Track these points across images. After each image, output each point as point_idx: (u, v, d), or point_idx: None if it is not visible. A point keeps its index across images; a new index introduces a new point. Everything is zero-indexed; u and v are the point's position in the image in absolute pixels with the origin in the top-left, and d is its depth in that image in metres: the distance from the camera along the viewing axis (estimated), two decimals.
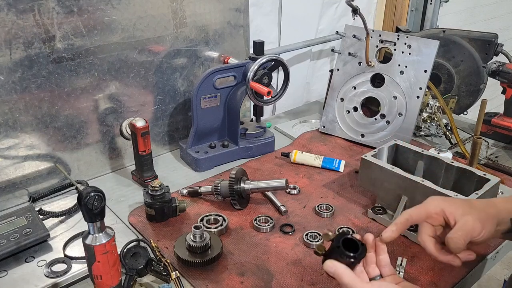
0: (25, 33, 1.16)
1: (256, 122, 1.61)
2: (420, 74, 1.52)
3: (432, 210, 0.80)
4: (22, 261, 1.03)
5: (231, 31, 1.60)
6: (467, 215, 0.78)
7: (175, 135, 1.59)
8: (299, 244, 1.13)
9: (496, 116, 1.66)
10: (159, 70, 1.45)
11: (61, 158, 1.33)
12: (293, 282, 1.01)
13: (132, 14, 1.33)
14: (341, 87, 1.65)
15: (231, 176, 1.22)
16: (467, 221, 0.77)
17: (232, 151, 1.51)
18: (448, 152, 1.38)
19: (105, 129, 1.40)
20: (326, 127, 1.68)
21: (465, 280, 1.04)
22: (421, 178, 1.14)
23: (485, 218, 0.79)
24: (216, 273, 1.03)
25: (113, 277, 0.88)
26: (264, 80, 1.43)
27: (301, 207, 1.27)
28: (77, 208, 1.21)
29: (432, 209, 0.80)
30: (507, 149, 1.60)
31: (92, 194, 0.80)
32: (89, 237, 0.84)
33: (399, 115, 1.55)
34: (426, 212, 0.80)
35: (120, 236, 1.10)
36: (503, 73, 1.58)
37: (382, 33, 1.60)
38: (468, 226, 0.77)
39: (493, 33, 1.80)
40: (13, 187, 1.26)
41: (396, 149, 1.31)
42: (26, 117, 1.23)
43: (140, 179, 1.36)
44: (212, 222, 1.19)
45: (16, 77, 1.18)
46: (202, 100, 1.44)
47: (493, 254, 1.11)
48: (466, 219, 0.78)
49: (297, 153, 1.49)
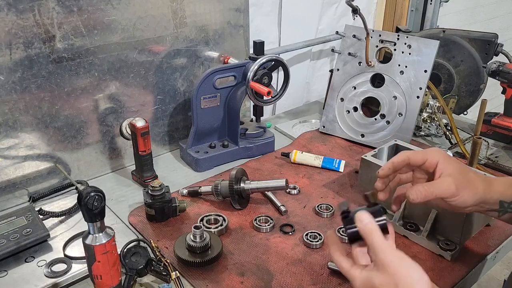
0: (25, 33, 1.16)
1: (256, 122, 1.61)
2: (420, 74, 1.52)
3: (429, 158, 0.83)
4: (22, 261, 1.03)
5: (231, 31, 1.60)
6: (449, 176, 0.81)
7: (175, 135, 1.59)
8: (299, 244, 1.13)
9: (496, 116, 1.66)
10: (159, 70, 1.46)
11: (61, 158, 1.33)
12: (293, 282, 1.01)
13: (132, 14, 1.33)
14: (341, 87, 1.65)
15: (231, 176, 1.22)
16: (444, 180, 0.81)
17: (232, 151, 1.51)
18: (448, 152, 1.38)
19: (105, 129, 1.40)
20: (326, 127, 1.68)
21: (465, 280, 1.04)
22: None
23: (465, 187, 0.82)
24: (216, 273, 1.03)
25: (113, 277, 0.88)
26: (264, 80, 1.43)
27: (301, 207, 1.27)
28: (77, 208, 1.21)
29: (429, 158, 0.83)
30: (507, 149, 1.60)
31: (92, 194, 0.80)
32: (89, 237, 0.84)
33: (399, 115, 1.55)
34: (423, 159, 0.83)
35: (120, 236, 1.10)
36: (503, 73, 1.58)
37: (382, 33, 1.60)
38: (442, 185, 0.81)
39: (493, 33, 1.80)
40: (13, 187, 1.26)
41: (396, 149, 1.31)
42: (26, 117, 1.23)
43: (140, 179, 1.36)
44: (212, 222, 1.19)
45: (16, 77, 1.18)
46: (202, 100, 1.44)
47: (493, 254, 1.11)
48: (446, 179, 0.81)
49: (297, 153, 1.49)
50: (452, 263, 1.06)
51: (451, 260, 1.06)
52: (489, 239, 1.15)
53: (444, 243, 1.08)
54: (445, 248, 1.07)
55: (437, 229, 1.10)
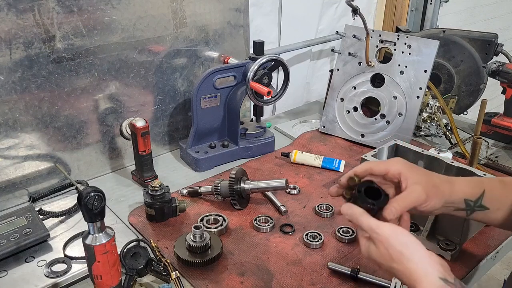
0: (25, 33, 1.16)
1: (256, 122, 1.61)
2: (420, 74, 1.52)
3: (391, 169, 0.83)
4: (22, 261, 1.03)
5: (231, 31, 1.60)
6: (417, 184, 0.81)
7: (175, 135, 1.59)
8: (299, 244, 1.13)
9: (496, 116, 1.66)
10: (159, 70, 1.46)
11: (61, 158, 1.33)
12: (293, 282, 1.01)
13: (132, 14, 1.33)
14: (341, 87, 1.65)
15: (231, 176, 1.22)
16: (414, 190, 0.81)
17: (232, 151, 1.51)
18: (448, 152, 1.38)
19: (105, 129, 1.40)
20: (326, 127, 1.68)
21: (465, 280, 1.04)
22: None
23: (433, 193, 0.82)
24: (216, 273, 1.03)
25: (113, 277, 0.88)
26: (264, 80, 1.43)
27: (301, 207, 1.27)
28: (77, 208, 1.21)
29: (391, 168, 0.83)
30: (507, 149, 1.60)
31: (92, 194, 0.80)
32: (89, 237, 0.84)
33: (399, 115, 1.55)
34: (385, 169, 0.84)
35: (120, 236, 1.10)
36: (503, 73, 1.58)
37: (382, 33, 1.60)
38: (413, 195, 0.80)
39: (493, 33, 1.80)
40: (13, 187, 1.26)
41: (396, 149, 1.31)
42: (26, 117, 1.23)
43: (140, 179, 1.36)
44: (212, 222, 1.19)
45: (16, 77, 1.18)
46: (202, 100, 1.44)
47: (493, 254, 1.11)
48: (414, 188, 0.81)
49: (297, 153, 1.49)
50: (452, 263, 1.06)
51: (451, 260, 1.06)
52: (489, 239, 1.15)
53: (444, 243, 1.08)
54: (445, 248, 1.07)
55: (437, 229, 1.10)
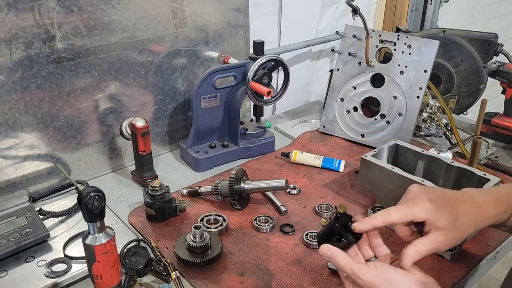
0: (25, 33, 1.16)
1: (256, 122, 1.61)
2: (420, 74, 1.52)
3: (418, 216, 0.75)
4: (22, 261, 1.03)
5: (231, 31, 1.60)
6: (441, 231, 0.75)
7: (175, 135, 1.59)
8: (299, 244, 1.13)
9: (496, 116, 1.66)
10: (159, 70, 1.46)
11: (61, 158, 1.33)
12: (293, 282, 1.01)
13: (132, 14, 1.33)
14: (341, 87, 1.65)
15: (231, 176, 1.22)
16: (436, 240, 0.74)
17: (232, 151, 1.51)
18: (448, 152, 1.38)
19: (105, 129, 1.40)
20: (326, 127, 1.68)
21: (465, 280, 1.04)
22: (421, 178, 1.14)
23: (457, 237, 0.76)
24: (216, 273, 1.03)
25: (113, 277, 0.88)
26: (264, 80, 1.43)
27: (301, 207, 1.27)
28: (77, 208, 1.21)
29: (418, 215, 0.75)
30: (507, 149, 1.60)
31: (92, 194, 0.80)
32: (89, 237, 0.84)
33: (399, 115, 1.55)
34: (412, 217, 0.76)
35: (120, 236, 1.10)
36: (503, 73, 1.58)
37: (382, 33, 1.60)
38: (434, 245, 0.75)
39: (493, 33, 1.80)
40: (13, 187, 1.26)
41: (396, 149, 1.31)
42: (26, 117, 1.23)
43: (140, 179, 1.36)
44: (212, 222, 1.19)
45: (16, 77, 1.18)
46: (202, 100, 1.44)
47: (493, 254, 1.11)
48: (437, 238, 0.74)
49: (297, 153, 1.49)
50: (452, 263, 1.06)
51: (451, 260, 1.06)
52: (489, 239, 1.15)
53: None
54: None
55: None
